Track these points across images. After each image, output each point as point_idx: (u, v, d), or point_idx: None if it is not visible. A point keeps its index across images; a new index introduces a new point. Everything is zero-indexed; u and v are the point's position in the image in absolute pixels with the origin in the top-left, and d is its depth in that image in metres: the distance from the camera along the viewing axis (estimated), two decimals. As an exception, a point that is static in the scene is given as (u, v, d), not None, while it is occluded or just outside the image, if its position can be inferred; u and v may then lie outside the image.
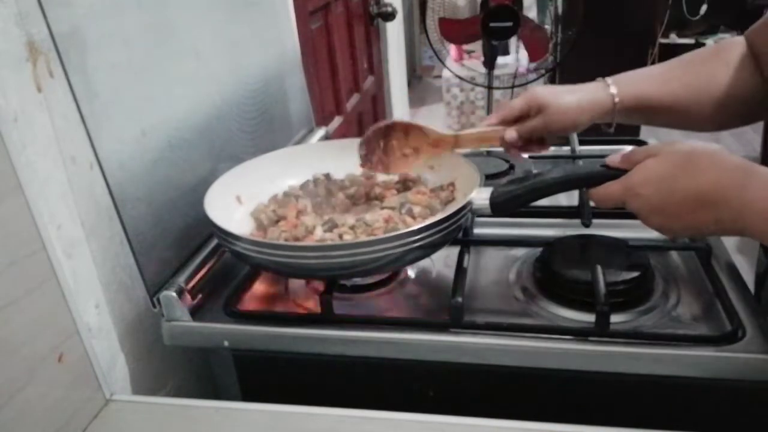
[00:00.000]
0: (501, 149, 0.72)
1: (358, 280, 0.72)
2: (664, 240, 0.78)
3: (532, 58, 1.21)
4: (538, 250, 0.73)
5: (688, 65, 0.71)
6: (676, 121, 0.72)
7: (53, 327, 0.57)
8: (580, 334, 0.60)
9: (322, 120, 1.49)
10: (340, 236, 0.67)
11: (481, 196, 0.67)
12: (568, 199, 0.87)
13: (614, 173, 0.65)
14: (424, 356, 0.62)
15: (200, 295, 0.70)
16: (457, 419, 0.56)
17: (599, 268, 0.64)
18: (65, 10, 0.58)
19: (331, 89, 1.64)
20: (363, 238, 0.65)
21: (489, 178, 0.93)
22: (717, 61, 0.69)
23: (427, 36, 1.20)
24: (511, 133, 0.70)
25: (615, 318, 0.60)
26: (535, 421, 0.55)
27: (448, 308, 0.62)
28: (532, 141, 0.72)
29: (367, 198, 0.76)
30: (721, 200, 0.50)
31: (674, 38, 4.34)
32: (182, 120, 0.75)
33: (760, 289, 0.77)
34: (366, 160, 0.75)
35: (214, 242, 0.75)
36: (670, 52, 4.35)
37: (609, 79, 0.70)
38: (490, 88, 1.17)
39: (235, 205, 0.75)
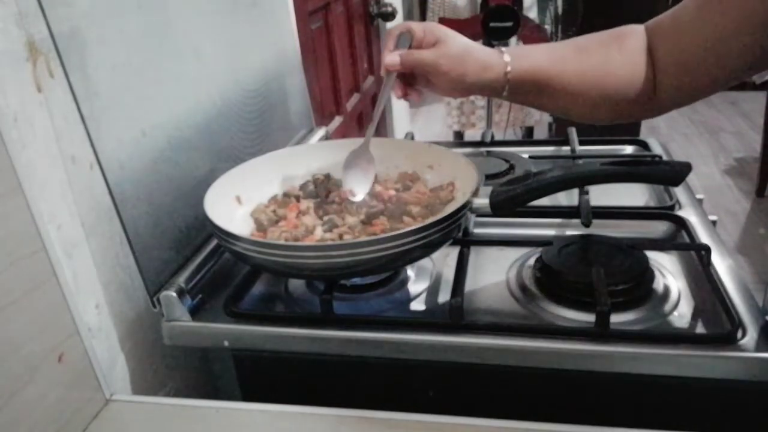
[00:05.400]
0: (501, 149, 0.72)
1: (358, 280, 0.72)
2: (664, 240, 0.79)
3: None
4: (538, 250, 0.73)
5: (583, 48, 0.67)
6: (562, 105, 0.68)
7: (53, 327, 0.57)
8: (580, 334, 0.60)
9: (322, 120, 1.48)
10: (340, 236, 0.68)
11: (481, 196, 0.67)
12: (568, 199, 0.87)
13: (615, 171, 0.65)
14: (424, 356, 0.62)
15: (200, 295, 0.70)
16: (457, 419, 0.56)
17: (599, 268, 0.64)
18: (65, 10, 0.58)
19: (331, 89, 1.64)
20: (363, 238, 0.65)
21: (489, 178, 0.93)
22: (615, 48, 0.66)
23: (427, 36, 1.20)
24: (392, 57, 0.66)
25: (615, 318, 0.60)
26: (535, 421, 0.55)
27: (448, 308, 0.62)
28: (412, 80, 0.68)
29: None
30: None
31: (674, 38, 4.34)
32: (182, 120, 0.75)
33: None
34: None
35: (214, 242, 0.75)
36: (670, 52, 4.36)
37: (504, 48, 0.67)
38: (490, 88, 1.17)
39: (235, 205, 0.75)
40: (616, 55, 0.65)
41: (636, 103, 0.66)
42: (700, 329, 0.61)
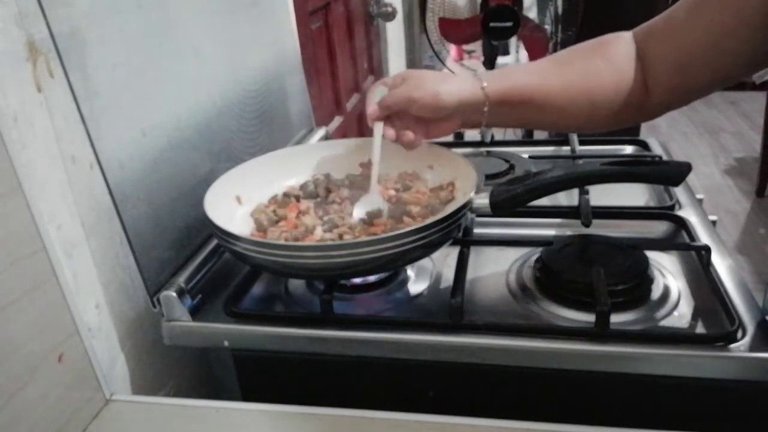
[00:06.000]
0: (501, 149, 0.72)
1: (358, 280, 0.72)
2: (664, 240, 0.78)
3: (532, 58, 1.21)
4: (538, 250, 0.73)
5: (564, 61, 0.67)
6: (552, 119, 0.69)
7: (53, 327, 0.57)
8: (580, 334, 0.60)
9: (322, 120, 1.48)
10: (340, 236, 0.68)
11: (481, 196, 0.67)
12: (568, 199, 0.87)
13: (615, 171, 0.65)
14: (423, 356, 0.62)
15: (200, 295, 0.70)
16: (457, 419, 0.56)
17: (599, 268, 0.64)
18: (65, 10, 0.58)
19: (331, 89, 1.64)
20: (363, 238, 0.65)
21: (489, 178, 0.93)
22: (599, 57, 0.66)
23: (427, 36, 1.20)
24: (371, 108, 0.69)
25: (615, 318, 0.60)
26: (535, 421, 0.55)
27: (448, 308, 0.62)
28: (399, 125, 0.69)
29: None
30: None
31: (674, 38, 4.33)
32: (182, 120, 0.75)
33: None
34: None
35: (214, 242, 0.75)
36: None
37: (478, 71, 0.68)
38: (490, 88, 1.17)
39: (235, 205, 0.75)
40: (599, 64, 0.65)
41: (628, 109, 0.65)
42: (700, 329, 0.61)
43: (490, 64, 1.15)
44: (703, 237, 0.75)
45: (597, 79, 0.65)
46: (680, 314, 0.63)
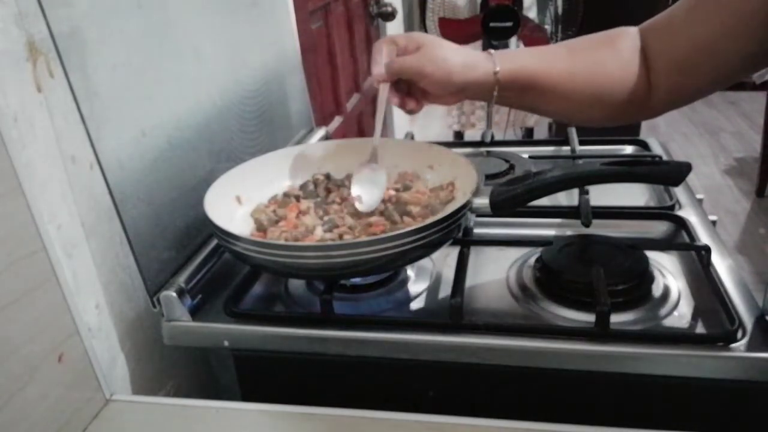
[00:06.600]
0: (501, 149, 0.72)
1: (358, 280, 0.72)
2: (664, 240, 0.78)
3: (532, 58, 1.21)
4: (538, 250, 0.73)
5: (573, 49, 0.68)
6: (556, 107, 0.69)
7: (53, 327, 0.57)
8: (580, 334, 0.60)
9: (322, 120, 1.48)
10: (340, 236, 0.68)
11: (481, 196, 0.67)
12: (568, 199, 0.87)
13: (615, 171, 0.65)
14: (423, 356, 0.62)
15: (200, 295, 0.70)
16: (457, 419, 0.56)
17: (599, 268, 0.64)
18: (65, 10, 0.58)
19: (331, 89, 1.64)
20: (363, 238, 0.65)
21: (489, 178, 0.93)
22: (606, 48, 0.66)
23: (427, 36, 1.20)
24: (378, 69, 0.67)
25: (615, 318, 0.60)
26: (535, 421, 0.55)
27: (448, 308, 0.62)
28: (403, 87, 0.69)
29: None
30: None
31: (674, 38, 4.32)
32: (182, 120, 0.75)
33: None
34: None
35: (214, 242, 0.75)
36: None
37: (492, 51, 0.68)
38: (490, 88, 1.17)
39: (235, 205, 0.75)
40: (607, 56, 0.66)
41: (631, 104, 0.66)
42: (700, 329, 0.61)
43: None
44: (703, 237, 0.75)
45: (603, 70, 0.65)
46: (680, 314, 0.63)
